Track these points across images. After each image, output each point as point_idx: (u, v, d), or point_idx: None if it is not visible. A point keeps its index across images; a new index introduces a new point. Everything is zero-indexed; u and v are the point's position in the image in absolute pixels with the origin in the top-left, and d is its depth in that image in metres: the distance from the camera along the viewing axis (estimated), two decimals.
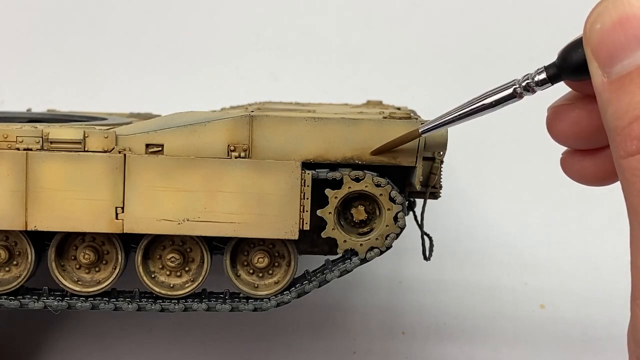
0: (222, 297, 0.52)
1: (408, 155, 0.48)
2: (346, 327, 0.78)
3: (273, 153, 0.48)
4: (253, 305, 0.51)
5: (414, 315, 0.79)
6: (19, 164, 0.47)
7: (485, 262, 0.80)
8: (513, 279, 0.79)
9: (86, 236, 0.51)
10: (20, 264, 0.51)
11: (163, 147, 0.48)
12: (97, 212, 0.48)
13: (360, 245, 0.49)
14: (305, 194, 0.48)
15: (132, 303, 0.50)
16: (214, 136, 0.47)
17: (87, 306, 0.50)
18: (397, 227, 0.49)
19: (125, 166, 0.47)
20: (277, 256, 0.51)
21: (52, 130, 0.48)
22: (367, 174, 0.48)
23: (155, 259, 0.51)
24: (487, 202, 0.81)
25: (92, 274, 0.51)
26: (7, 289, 0.50)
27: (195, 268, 0.51)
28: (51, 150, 0.47)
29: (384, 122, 0.47)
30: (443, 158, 0.51)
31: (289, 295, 0.51)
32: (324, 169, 0.48)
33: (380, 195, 0.49)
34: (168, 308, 0.50)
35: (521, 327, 0.77)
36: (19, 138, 0.47)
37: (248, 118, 0.47)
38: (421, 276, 0.79)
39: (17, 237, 0.50)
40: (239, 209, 0.48)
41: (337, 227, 0.49)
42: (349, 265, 0.50)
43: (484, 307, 0.79)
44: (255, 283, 0.51)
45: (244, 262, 0.51)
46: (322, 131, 0.47)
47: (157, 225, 0.48)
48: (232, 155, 0.48)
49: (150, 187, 0.48)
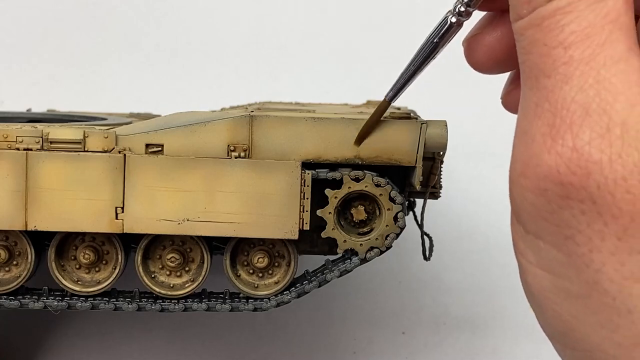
0: (222, 297, 0.52)
1: (408, 155, 0.48)
2: (346, 327, 0.78)
3: (273, 153, 0.48)
4: (253, 305, 0.51)
5: (414, 315, 0.79)
6: (19, 164, 0.47)
7: (485, 262, 0.80)
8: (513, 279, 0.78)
9: (86, 236, 0.51)
10: (20, 264, 0.51)
11: (163, 147, 0.48)
12: (97, 212, 0.48)
13: (360, 245, 0.49)
14: (305, 194, 0.48)
15: (132, 303, 0.50)
16: (214, 136, 0.47)
17: (87, 306, 0.50)
18: (397, 227, 0.49)
19: (125, 166, 0.47)
20: (277, 256, 0.51)
21: (52, 130, 0.48)
22: (367, 174, 0.48)
23: (155, 259, 0.51)
24: (487, 202, 0.81)
25: (92, 274, 0.51)
26: (7, 289, 0.50)
27: (195, 268, 0.51)
28: (51, 150, 0.47)
29: (384, 122, 0.47)
30: (443, 158, 0.51)
31: (289, 295, 0.51)
32: (324, 169, 0.48)
33: (380, 195, 0.49)
34: (168, 308, 0.50)
35: (521, 326, 0.77)
36: (19, 138, 0.47)
37: (248, 118, 0.47)
38: (421, 276, 0.79)
39: (17, 237, 0.50)
40: (239, 209, 0.48)
41: (337, 227, 0.49)
42: (349, 265, 0.50)
43: (484, 307, 0.79)
44: (255, 283, 0.51)
45: (244, 262, 0.51)
46: (322, 131, 0.47)
47: (157, 225, 0.48)
48: (232, 155, 0.48)
49: (150, 187, 0.48)
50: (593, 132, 0.29)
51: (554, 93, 0.30)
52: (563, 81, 0.30)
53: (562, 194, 0.30)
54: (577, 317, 0.30)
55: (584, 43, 0.30)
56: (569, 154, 0.29)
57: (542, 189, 0.30)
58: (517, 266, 0.33)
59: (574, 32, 0.30)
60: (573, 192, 0.29)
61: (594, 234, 0.29)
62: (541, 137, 0.30)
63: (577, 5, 0.30)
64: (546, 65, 0.31)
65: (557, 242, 0.30)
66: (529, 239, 0.32)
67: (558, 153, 0.29)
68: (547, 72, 0.31)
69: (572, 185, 0.29)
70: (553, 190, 0.30)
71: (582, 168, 0.29)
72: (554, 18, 0.30)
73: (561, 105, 0.30)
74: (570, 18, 0.30)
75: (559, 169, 0.29)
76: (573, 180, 0.29)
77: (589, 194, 0.29)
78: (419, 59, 0.41)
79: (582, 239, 0.30)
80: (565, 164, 0.29)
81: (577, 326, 0.31)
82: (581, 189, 0.29)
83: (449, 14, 0.38)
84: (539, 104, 0.31)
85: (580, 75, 0.30)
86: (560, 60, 0.30)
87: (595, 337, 0.30)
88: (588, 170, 0.29)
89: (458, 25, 0.38)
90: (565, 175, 0.29)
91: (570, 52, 0.30)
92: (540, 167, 0.30)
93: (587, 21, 0.30)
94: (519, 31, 0.32)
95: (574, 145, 0.29)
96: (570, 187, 0.29)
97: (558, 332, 0.32)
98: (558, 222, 0.30)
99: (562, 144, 0.29)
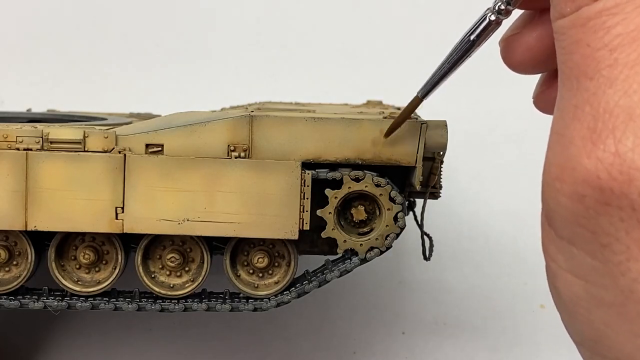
0: (222, 297, 0.52)
1: (408, 155, 0.48)
2: (346, 327, 0.78)
3: (273, 153, 0.48)
4: (253, 305, 0.51)
5: (414, 315, 0.79)
6: (19, 164, 0.47)
7: (485, 262, 0.80)
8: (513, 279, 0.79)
9: (86, 236, 0.51)
10: (20, 264, 0.51)
11: (163, 147, 0.48)
12: (97, 212, 0.48)
13: (360, 245, 0.49)
14: (305, 194, 0.48)
15: (132, 303, 0.50)
16: (214, 136, 0.47)
17: (87, 306, 0.50)
18: (397, 227, 0.49)
19: (125, 166, 0.47)
20: (277, 256, 0.51)
21: (52, 130, 0.48)
22: (367, 174, 0.48)
23: (155, 259, 0.51)
24: (487, 202, 0.81)
25: (92, 274, 0.51)
26: (7, 289, 0.50)
27: (195, 268, 0.51)
28: (51, 150, 0.47)
29: (384, 122, 0.47)
30: (443, 158, 0.51)
31: (289, 295, 0.51)
32: (324, 169, 0.48)
33: (380, 195, 0.49)
34: (168, 308, 0.51)
35: (521, 327, 0.77)
36: (19, 138, 0.47)
37: (248, 118, 0.47)
38: (421, 276, 0.79)
39: (17, 237, 0.50)
40: (239, 209, 0.48)
41: (337, 227, 0.49)
42: (349, 265, 0.50)
43: (484, 307, 0.79)
44: (255, 283, 0.51)
45: (244, 262, 0.51)
46: (322, 131, 0.47)
47: (157, 225, 0.48)
48: (232, 155, 0.48)
49: (150, 187, 0.48)
50: (637, 138, 0.28)
51: (596, 96, 0.29)
52: (607, 84, 0.29)
53: (601, 200, 0.29)
54: (610, 325, 0.30)
55: (630, 46, 0.29)
56: (610, 160, 0.28)
57: (580, 195, 0.29)
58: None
59: (620, 35, 0.29)
60: (613, 199, 0.28)
61: (633, 242, 0.28)
62: (581, 140, 0.29)
63: (624, 6, 0.29)
64: (589, 67, 0.30)
65: (592, 249, 0.29)
66: (561, 244, 0.31)
67: (599, 158, 0.28)
68: (589, 74, 0.30)
69: (613, 191, 0.28)
70: (591, 196, 0.29)
71: (624, 174, 0.28)
72: (599, 19, 0.29)
73: (604, 109, 0.29)
74: (616, 20, 0.29)
75: (599, 174, 0.28)
76: (614, 186, 0.28)
77: (630, 201, 0.28)
78: (455, 57, 0.40)
79: (619, 247, 0.29)
80: (606, 169, 0.28)
81: (610, 334, 0.30)
82: (622, 196, 0.28)
83: (488, 11, 0.37)
84: (578, 106, 0.30)
85: (625, 79, 0.29)
86: (605, 63, 0.29)
87: (629, 346, 0.29)
88: (630, 176, 0.28)
89: (497, 24, 0.37)
90: (606, 181, 0.28)
91: (616, 55, 0.29)
92: (579, 172, 0.29)
93: (634, 24, 0.29)
94: (561, 30, 0.31)
95: (617, 151, 0.28)
96: (610, 194, 0.28)
97: (589, 339, 0.31)
98: (594, 229, 0.29)
99: (604, 149, 0.28)
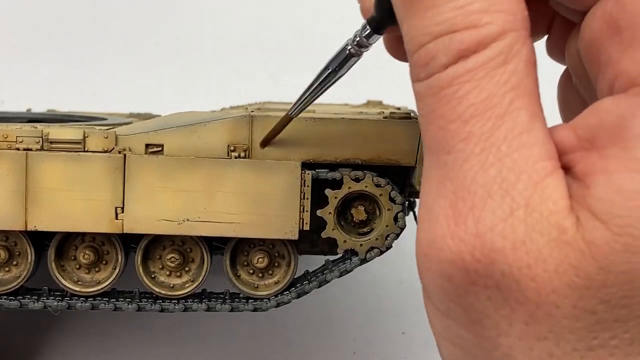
0: (222, 297, 0.52)
1: (408, 155, 0.48)
2: (346, 327, 0.78)
3: (273, 153, 0.48)
4: (253, 306, 0.51)
5: (414, 315, 0.79)
6: (19, 164, 0.47)
7: None
8: None
9: (86, 236, 0.51)
10: (20, 264, 0.51)
11: (163, 147, 0.48)
12: (97, 212, 0.48)
13: (360, 246, 0.49)
14: (305, 194, 0.48)
15: (132, 303, 0.50)
16: (214, 136, 0.47)
17: (87, 306, 0.50)
18: (397, 227, 0.49)
19: (125, 166, 0.47)
20: (277, 256, 0.51)
21: (52, 130, 0.48)
22: (367, 174, 0.48)
23: (155, 259, 0.51)
24: None
25: (92, 274, 0.51)
26: (7, 289, 0.50)
27: (195, 268, 0.51)
28: (51, 150, 0.47)
29: (384, 122, 0.47)
30: None
31: (289, 296, 0.51)
32: (324, 169, 0.48)
33: (380, 195, 0.49)
34: (168, 308, 0.51)
35: None
36: (19, 138, 0.47)
37: (248, 118, 0.47)
38: None
39: (17, 237, 0.50)
40: (239, 209, 0.48)
41: (337, 227, 0.49)
42: (349, 266, 0.50)
43: None
44: (255, 283, 0.51)
45: (244, 262, 0.51)
46: (322, 131, 0.47)
47: (157, 225, 0.48)
48: (232, 156, 0.48)
49: (150, 187, 0.47)
50: (495, 216, 0.27)
51: (454, 172, 0.28)
52: (462, 159, 0.28)
53: (468, 280, 0.28)
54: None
55: (483, 116, 0.27)
56: (472, 241, 0.27)
57: (448, 275, 0.28)
58: None
59: (472, 105, 0.27)
60: (479, 279, 0.28)
61: (502, 319, 0.28)
62: (444, 219, 0.28)
63: (475, 73, 0.27)
64: (445, 140, 0.28)
65: (465, 323, 0.29)
66: (439, 315, 0.30)
67: (461, 239, 0.28)
68: (446, 148, 0.28)
69: (478, 272, 0.27)
70: (458, 276, 0.28)
71: (486, 257, 0.27)
72: (451, 88, 0.28)
73: (462, 186, 0.28)
74: (468, 88, 0.27)
75: (464, 256, 0.28)
76: (478, 268, 0.27)
77: (495, 281, 0.27)
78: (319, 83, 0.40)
79: (489, 323, 0.28)
80: (469, 251, 0.27)
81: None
82: (487, 276, 0.27)
83: (348, 43, 0.37)
84: (441, 181, 0.29)
85: (481, 153, 0.27)
86: (459, 137, 0.28)
87: None
88: (492, 259, 0.27)
89: (358, 55, 0.37)
90: (470, 263, 0.27)
91: (469, 127, 0.27)
92: (445, 252, 0.28)
93: (486, 91, 0.27)
94: (418, 96, 0.29)
95: (477, 232, 0.27)
96: (475, 275, 0.28)
97: None
98: (465, 306, 0.29)
99: (465, 230, 0.27)
